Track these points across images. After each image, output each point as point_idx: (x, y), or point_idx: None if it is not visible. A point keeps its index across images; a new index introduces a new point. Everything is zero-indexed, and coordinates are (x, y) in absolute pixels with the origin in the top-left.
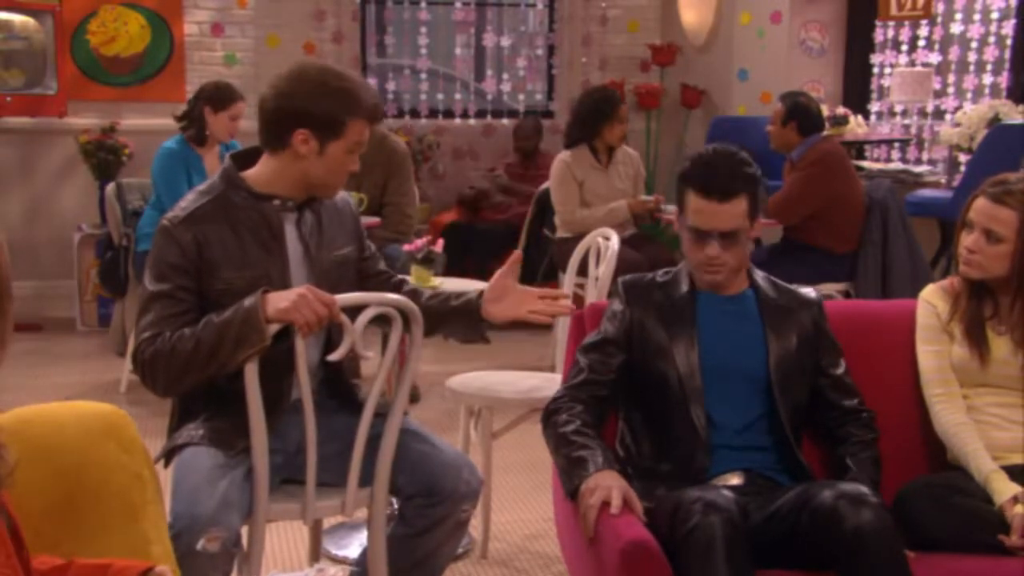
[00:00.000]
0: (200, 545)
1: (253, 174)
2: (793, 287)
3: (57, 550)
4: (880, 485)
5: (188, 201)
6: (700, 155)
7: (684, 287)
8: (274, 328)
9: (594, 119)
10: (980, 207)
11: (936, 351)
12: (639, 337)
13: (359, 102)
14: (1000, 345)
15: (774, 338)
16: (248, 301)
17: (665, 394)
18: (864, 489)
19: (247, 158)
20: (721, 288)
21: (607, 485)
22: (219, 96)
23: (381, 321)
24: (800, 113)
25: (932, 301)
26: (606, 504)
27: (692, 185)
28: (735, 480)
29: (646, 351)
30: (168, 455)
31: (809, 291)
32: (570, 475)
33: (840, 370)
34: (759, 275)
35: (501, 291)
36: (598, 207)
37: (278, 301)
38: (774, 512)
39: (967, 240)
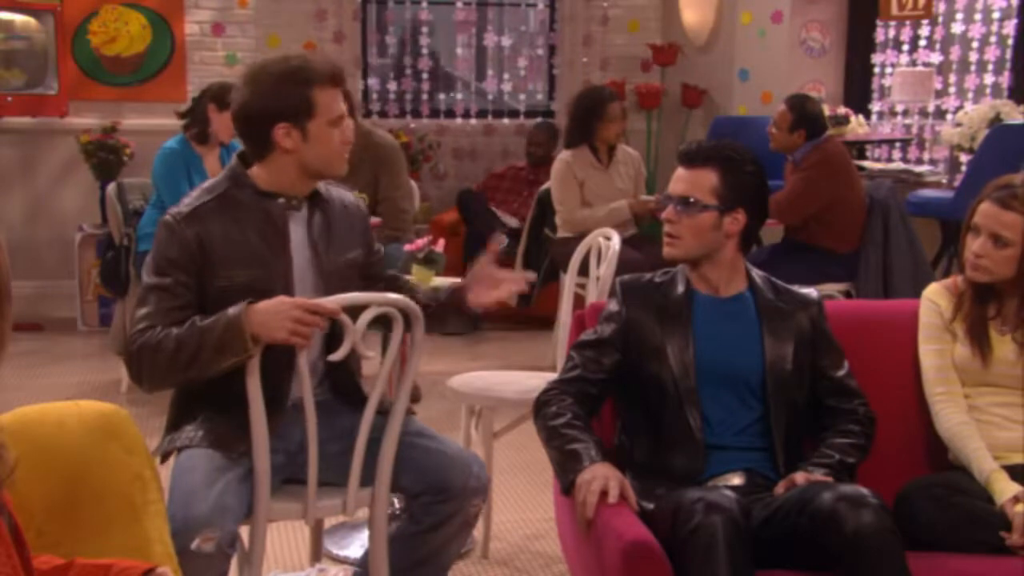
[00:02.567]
0: (194, 545)
1: (258, 172)
2: (793, 288)
3: (59, 549)
4: (856, 469)
5: (192, 197)
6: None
7: (681, 288)
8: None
9: (587, 119)
10: (986, 211)
11: (938, 350)
12: (635, 337)
13: (313, 71)
14: (1003, 345)
15: (770, 342)
16: (232, 310)
17: (660, 395)
18: (864, 490)
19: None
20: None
21: (604, 475)
22: (224, 95)
23: (381, 325)
24: (808, 122)
25: (935, 300)
26: (604, 494)
27: (679, 158)
28: (736, 480)
29: (642, 351)
30: (166, 455)
31: (810, 291)
32: (564, 468)
33: (841, 372)
34: (758, 276)
35: (483, 278)
36: (599, 207)
37: (271, 330)
38: (774, 513)
39: (974, 245)
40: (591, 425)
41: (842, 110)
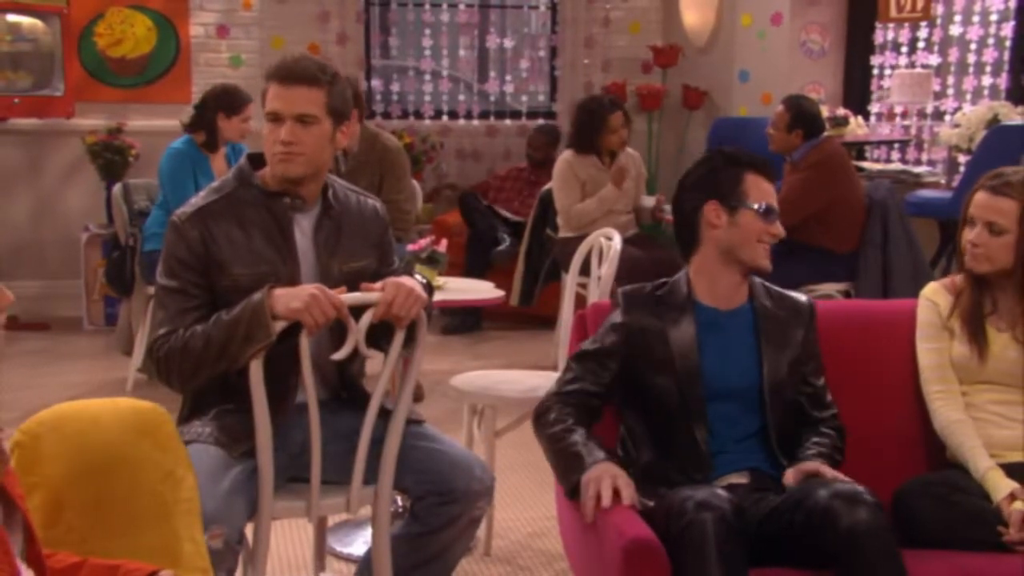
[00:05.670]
0: None
1: (267, 173)
2: (787, 292)
3: (86, 545)
4: (840, 465)
5: (199, 197)
6: (722, 150)
7: (682, 300)
8: (280, 325)
9: (589, 129)
10: (980, 201)
11: (936, 348)
12: (639, 348)
13: (270, 69)
14: (1000, 341)
15: (769, 354)
16: (255, 297)
17: (665, 406)
18: (859, 488)
19: (263, 159)
20: (724, 301)
21: (612, 474)
22: (231, 101)
23: (382, 335)
24: (806, 122)
25: (933, 299)
26: (616, 495)
27: (752, 167)
28: (742, 479)
29: (646, 363)
30: None
31: (801, 297)
32: (567, 471)
33: (821, 381)
34: (756, 283)
35: None
36: (591, 198)
37: (289, 300)
38: (771, 511)
39: (970, 235)
40: (592, 430)
41: (841, 111)
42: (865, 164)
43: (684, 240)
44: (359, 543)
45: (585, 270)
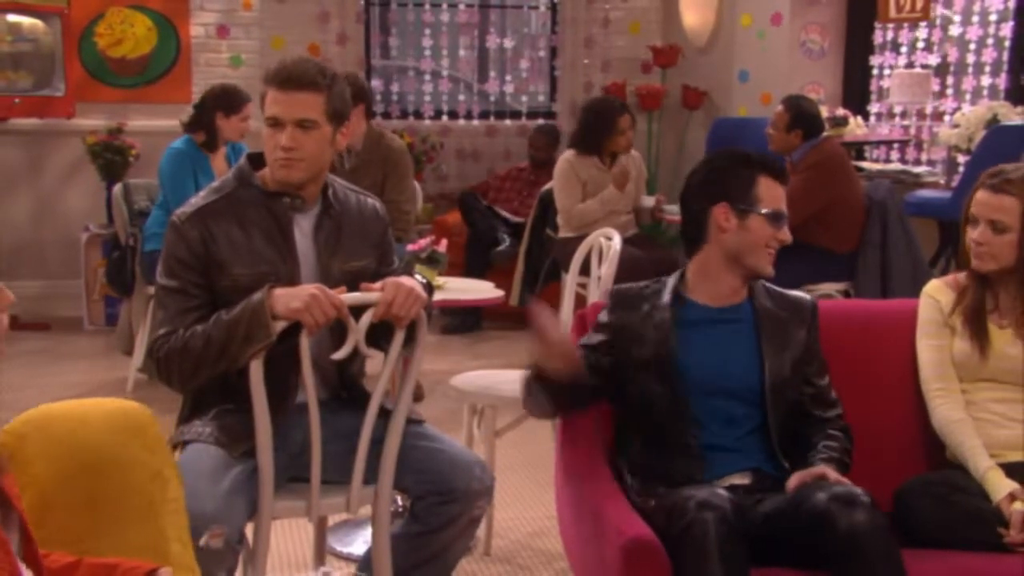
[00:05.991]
0: (203, 542)
1: (267, 173)
2: (788, 292)
3: (78, 545)
4: (850, 468)
5: (199, 197)
6: (735, 151)
7: (667, 298)
8: (280, 325)
9: (596, 131)
10: (981, 199)
11: (936, 345)
12: (624, 348)
13: (268, 73)
14: (1001, 338)
15: (770, 354)
16: (256, 297)
17: (653, 406)
18: (856, 490)
19: (263, 159)
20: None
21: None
22: (229, 101)
23: (382, 335)
24: (805, 122)
25: (935, 296)
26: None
27: (765, 170)
28: (744, 480)
29: (628, 361)
30: (174, 447)
31: (804, 296)
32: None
33: (824, 381)
34: (757, 284)
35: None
36: (593, 199)
37: (289, 300)
38: (771, 513)
39: (973, 233)
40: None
41: (841, 111)
42: (865, 164)
43: (689, 237)
44: (359, 543)
45: (585, 270)
